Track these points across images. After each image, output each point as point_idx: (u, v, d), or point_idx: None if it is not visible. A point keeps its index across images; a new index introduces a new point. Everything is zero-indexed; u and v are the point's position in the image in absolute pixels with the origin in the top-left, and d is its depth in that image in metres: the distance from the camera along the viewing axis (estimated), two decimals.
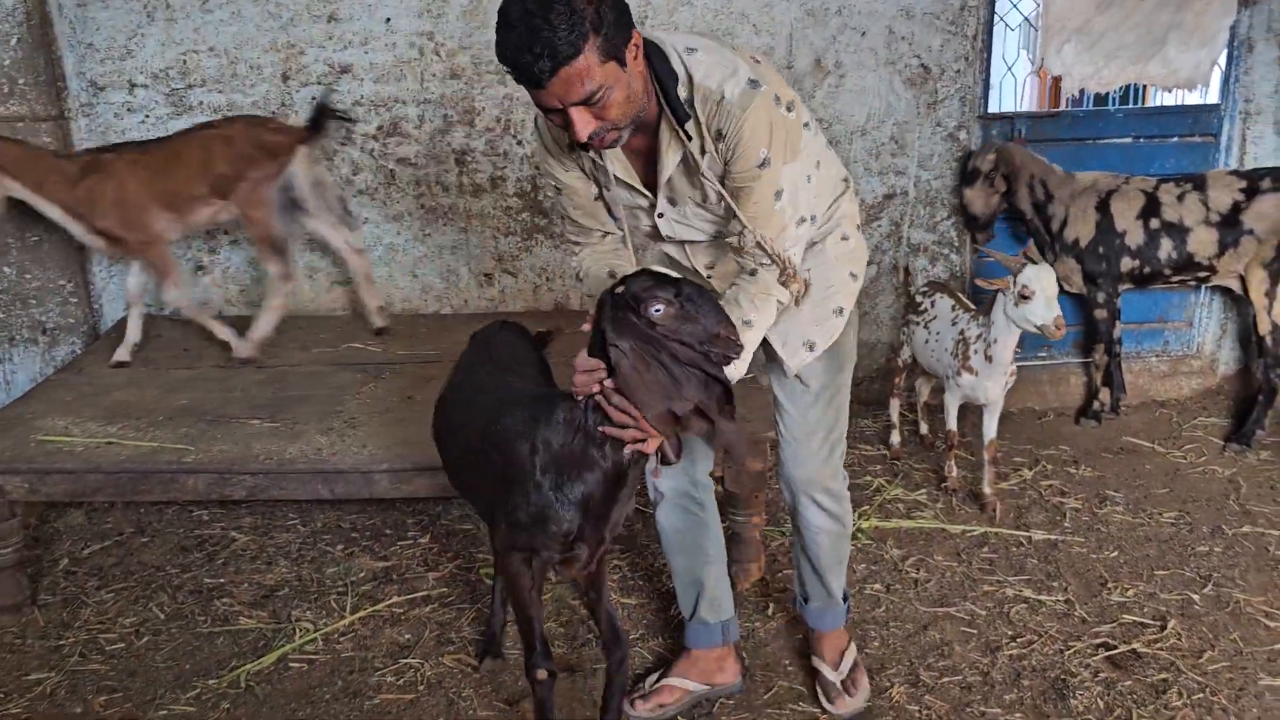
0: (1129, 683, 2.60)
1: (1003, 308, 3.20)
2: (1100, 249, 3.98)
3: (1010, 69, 4.49)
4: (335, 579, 3.20)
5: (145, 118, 4.16)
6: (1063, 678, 2.63)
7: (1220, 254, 3.89)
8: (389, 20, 4.06)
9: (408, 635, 2.90)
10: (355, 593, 3.11)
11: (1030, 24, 4.37)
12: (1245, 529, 3.37)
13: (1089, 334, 4.30)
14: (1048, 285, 3.05)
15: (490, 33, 4.02)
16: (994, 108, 4.43)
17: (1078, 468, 3.86)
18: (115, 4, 4.02)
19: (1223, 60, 4.25)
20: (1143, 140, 4.33)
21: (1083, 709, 2.51)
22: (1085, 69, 4.13)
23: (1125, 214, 3.94)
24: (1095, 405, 4.27)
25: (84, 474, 2.90)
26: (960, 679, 2.65)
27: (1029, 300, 3.06)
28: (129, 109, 4.14)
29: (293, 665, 2.77)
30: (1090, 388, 4.37)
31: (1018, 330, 3.20)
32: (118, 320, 4.24)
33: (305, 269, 4.36)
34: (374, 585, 3.16)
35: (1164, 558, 3.21)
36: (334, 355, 3.79)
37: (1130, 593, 3.02)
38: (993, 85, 4.39)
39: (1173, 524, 3.42)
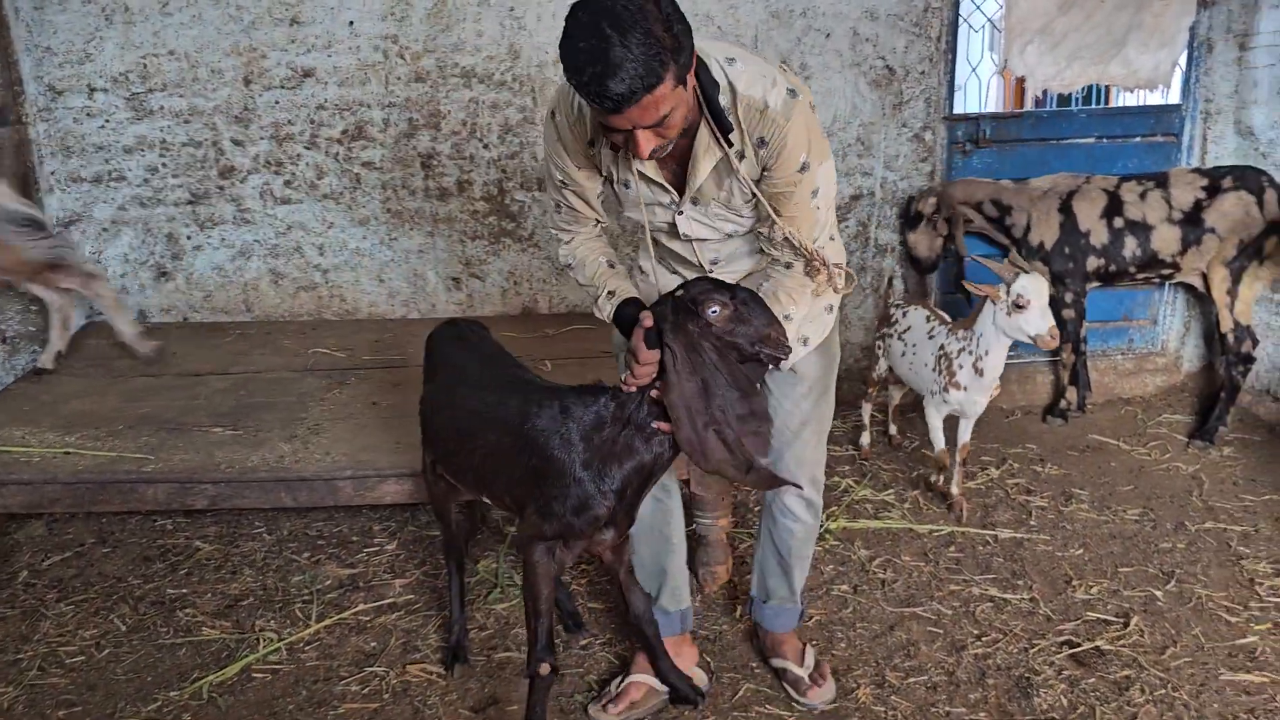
0: (1092, 680, 2.62)
1: (992, 318, 3.14)
2: (1066, 249, 4.01)
3: (975, 70, 4.52)
4: (300, 587, 3.16)
5: (105, 122, 4.11)
6: (1027, 676, 2.64)
7: (1183, 252, 3.93)
8: (352, 23, 4.04)
9: (373, 643, 2.87)
10: (321, 601, 3.08)
11: (993, 25, 4.40)
12: (1208, 525, 3.41)
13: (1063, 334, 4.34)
14: (1042, 294, 3.00)
15: (454, 35, 4.05)
16: (959, 109, 4.46)
17: (1044, 466, 3.89)
18: (73, 7, 3.98)
19: (1183, 61, 4.29)
20: (1106, 140, 4.37)
21: (1047, 707, 2.52)
22: (1048, 70, 4.17)
23: (1088, 214, 3.97)
24: (1062, 404, 4.30)
25: (41, 485, 2.86)
26: (926, 679, 2.66)
27: (1024, 310, 3.00)
28: (88, 113, 4.09)
29: (256, 676, 2.74)
30: (1057, 386, 4.41)
31: (1009, 340, 3.15)
32: (78, 329, 4.19)
33: (270, 273, 4.32)
34: (340, 593, 3.13)
35: (1128, 555, 3.24)
36: (299, 361, 3.76)
37: (1094, 590, 3.04)
38: (957, 86, 4.42)
39: (1137, 521, 3.45)
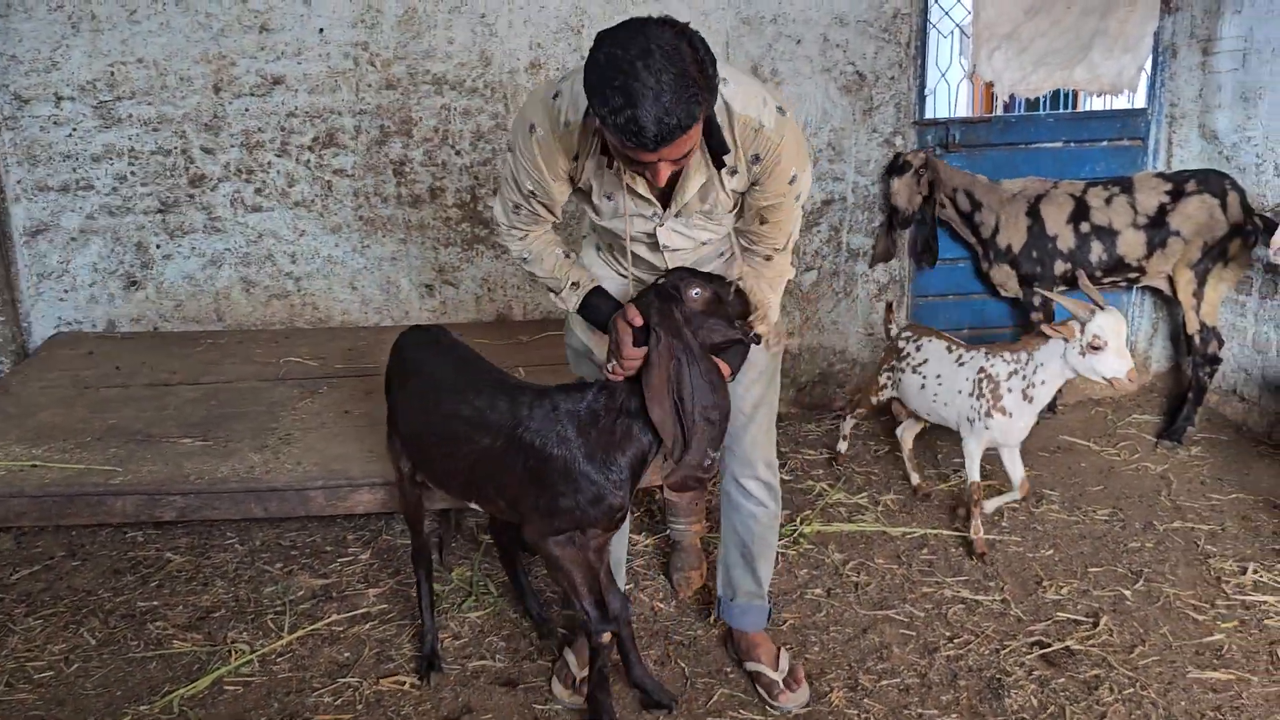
0: (1062, 680, 2.65)
1: (1061, 353, 3.01)
2: (1034, 253, 4.05)
3: (944, 75, 4.56)
4: (273, 598, 3.14)
5: (73, 130, 4.08)
6: (998, 677, 2.67)
7: (1149, 255, 3.98)
8: (322, 30, 4.02)
9: (347, 654, 2.86)
10: (293, 612, 3.06)
11: (962, 31, 4.44)
12: (1176, 524, 3.45)
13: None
14: (1120, 334, 2.86)
15: (424, 42, 4.05)
16: (929, 114, 4.50)
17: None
18: (39, 14, 3.94)
19: (1149, 66, 4.35)
20: (1073, 144, 4.43)
21: (1017, 708, 2.55)
22: (1014, 74, 4.21)
23: (1055, 218, 4.01)
24: None
25: (7, 499, 2.83)
26: (899, 681, 2.68)
27: (1100, 351, 2.85)
28: (55, 122, 4.06)
29: (228, 688, 2.72)
30: None
31: (1070, 375, 3.04)
32: (47, 339, 4.15)
33: (241, 281, 4.30)
34: (313, 604, 3.11)
35: (1097, 555, 3.27)
36: (270, 370, 3.74)
37: (1065, 590, 3.07)
38: (927, 92, 4.46)
39: (1106, 521, 3.49)
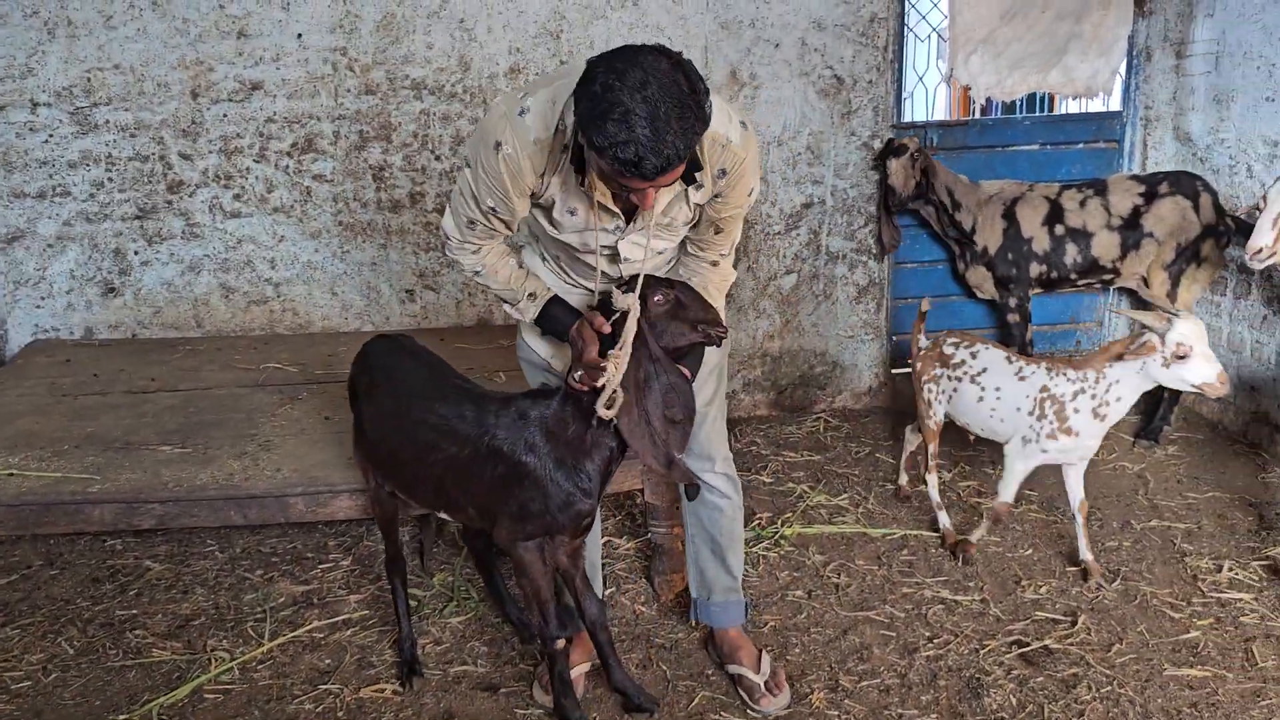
0: (1040, 679, 2.67)
1: (1138, 368, 2.86)
2: (1010, 255, 4.09)
3: (921, 79, 4.59)
4: (253, 605, 3.13)
5: (49, 137, 4.05)
6: (977, 676, 2.68)
7: (1123, 257, 4.02)
8: (300, 36, 4.01)
9: (328, 660, 2.85)
10: (274, 619, 3.05)
11: (939, 35, 4.47)
12: (1153, 523, 3.48)
13: (1003, 338, 4.41)
14: (1203, 337, 2.75)
15: (403, 47, 4.05)
16: (906, 117, 4.53)
17: (995, 469, 3.93)
18: (13, 20, 3.92)
19: (1123, 69, 4.39)
20: (1049, 147, 4.47)
21: (996, 707, 2.57)
22: (991, 78, 4.24)
23: (1031, 221, 4.05)
24: None
25: None
26: (879, 682, 2.69)
27: (1186, 359, 2.73)
28: (31, 129, 4.03)
29: (208, 697, 2.70)
30: None
31: (1149, 387, 2.91)
32: (24, 347, 4.12)
33: (220, 288, 4.28)
34: (294, 610, 3.10)
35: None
36: (250, 376, 3.72)
37: (1043, 590, 3.09)
38: (905, 95, 4.49)
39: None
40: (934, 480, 3.45)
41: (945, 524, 3.40)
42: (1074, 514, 3.18)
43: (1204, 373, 2.73)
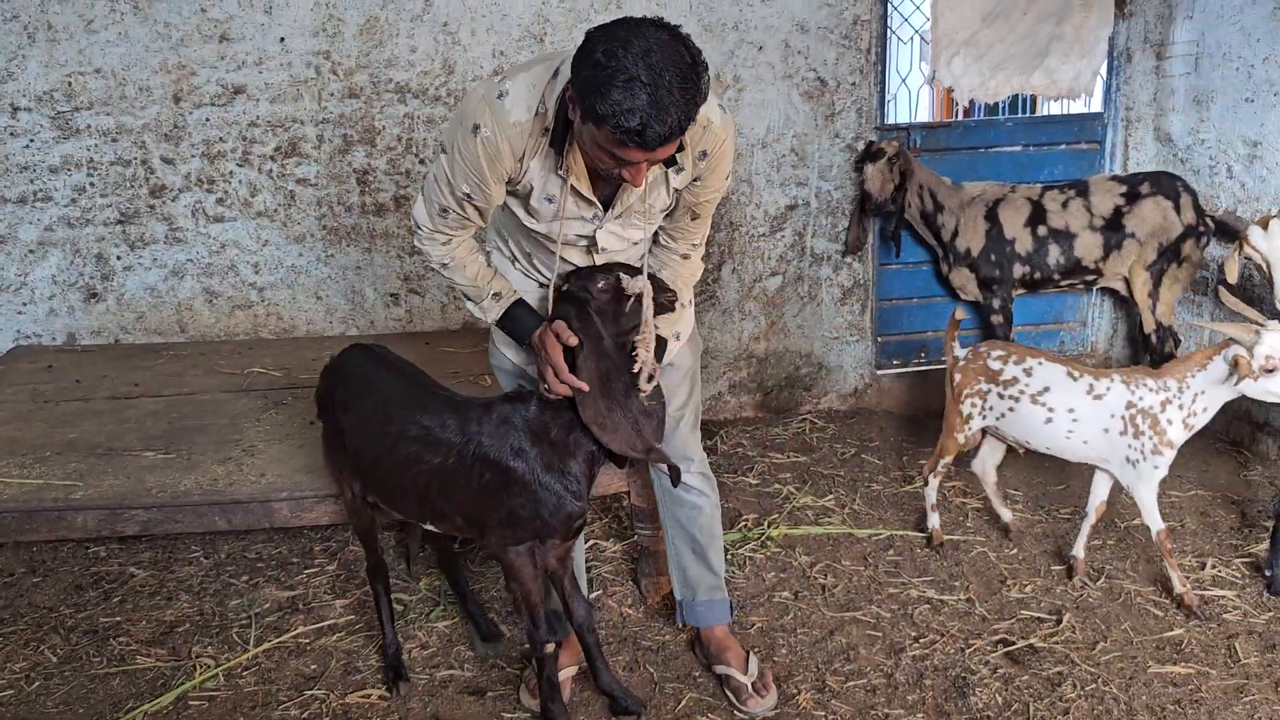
0: (1026, 677, 2.68)
1: (1223, 378, 2.80)
2: (993, 257, 4.10)
3: (904, 81, 4.61)
4: (238, 611, 3.12)
5: (30, 142, 4.02)
6: (963, 676, 2.70)
7: (1105, 257, 4.04)
8: (283, 40, 4.00)
9: (313, 666, 2.84)
10: (259, 624, 3.04)
11: (921, 37, 4.49)
12: (1136, 521, 3.49)
13: (987, 339, 4.43)
14: None
15: (387, 51, 4.04)
16: (890, 119, 4.54)
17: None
18: None
19: (1104, 70, 4.42)
20: (1032, 148, 4.49)
21: (982, 705, 2.58)
22: (973, 80, 4.26)
23: (1013, 222, 4.06)
24: None
25: None
26: (865, 682, 2.70)
27: (1275, 373, 2.67)
28: (12, 133, 4.00)
29: (192, 703, 2.69)
30: None
31: (1232, 397, 2.84)
32: (5, 353, 4.09)
33: (204, 292, 4.26)
34: (279, 616, 3.09)
35: (1060, 553, 3.31)
36: (234, 381, 3.70)
37: (1028, 589, 3.11)
38: (888, 97, 4.50)
39: (1069, 520, 3.54)
40: (935, 484, 3.38)
41: (935, 524, 3.38)
42: (1088, 512, 3.13)
43: None
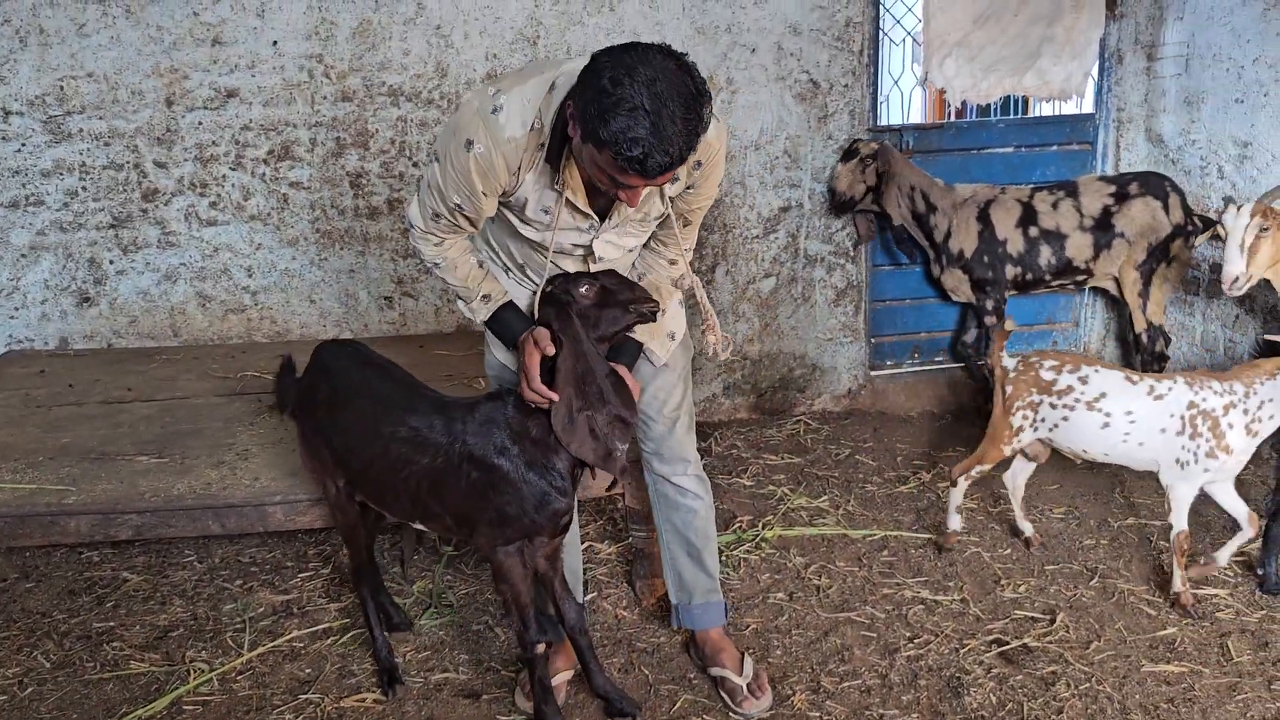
0: (1020, 677, 2.69)
1: None
2: (985, 258, 4.11)
3: (897, 83, 4.62)
4: (233, 615, 3.11)
5: (22, 146, 4.01)
6: (958, 676, 2.70)
7: (1095, 257, 4.06)
8: (276, 43, 4.00)
9: (308, 670, 2.84)
10: (253, 629, 3.03)
11: (913, 39, 4.51)
12: (1129, 521, 3.51)
13: (979, 340, 4.44)
14: None
15: (380, 54, 4.04)
16: (883, 120, 4.56)
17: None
18: None
19: (1096, 71, 4.44)
20: (1024, 149, 4.51)
21: (976, 705, 2.58)
22: (965, 81, 4.28)
23: (1005, 223, 4.08)
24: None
25: None
26: (860, 683, 2.70)
27: None
28: (3, 137, 3.99)
29: (186, 708, 2.68)
30: (987, 392, 4.50)
31: None
32: None
33: (197, 296, 4.25)
34: (273, 620, 3.08)
35: (1054, 553, 3.32)
36: (227, 385, 3.70)
37: (1022, 588, 3.12)
38: (881, 99, 4.51)
39: (1062, 519, 3.55)
40: (963, 486, 3.28)
41: (955, 526, 3.31)
42: (1243, 525, 2.98)
43: None
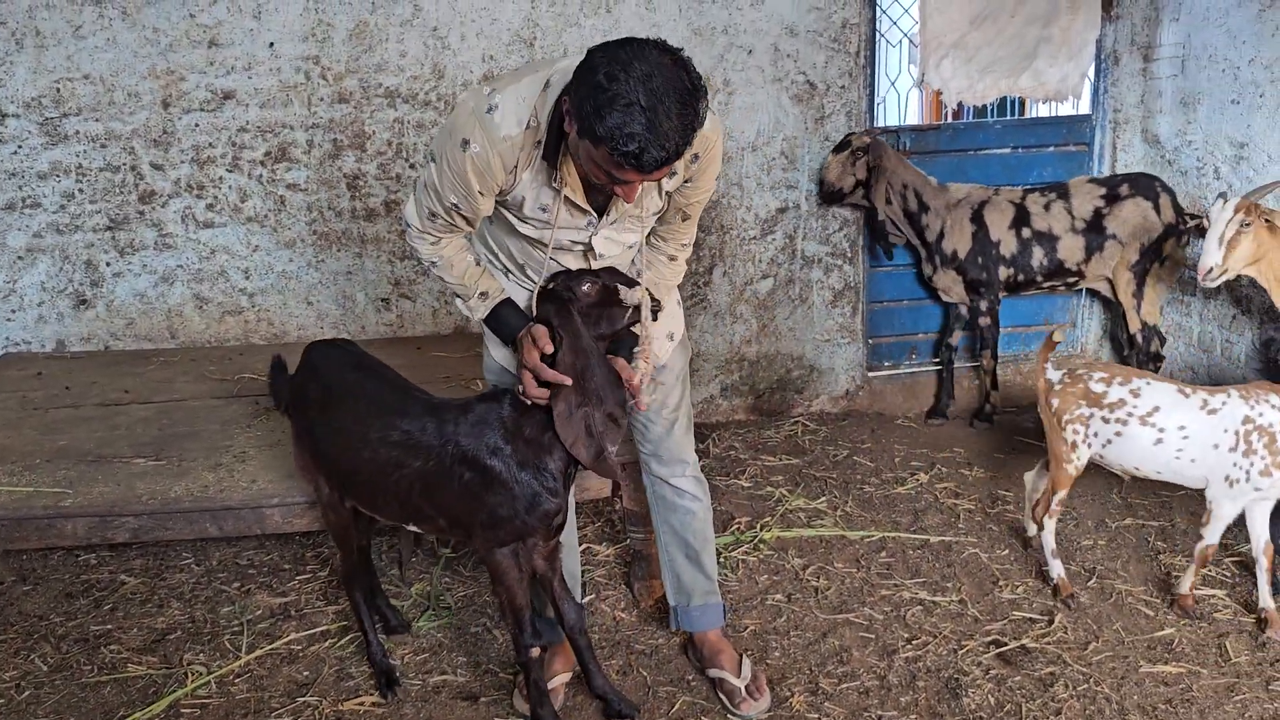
0: (1018, 678, 2.69)
1: None
2: (979, 259, 4.12)
3: (893, 84, 4.63)
4: (230, 618, 3.11)
5: (18, 148, 4.01)
6: (956, 677, 2.70)
7: (1088, 259, 4.07)
8: (272, 45, 4.00)
9: (306, 673, 2.83)
10: (251, 632, 3.03)
11: (910, 41, 4.51)
12: (1127, 521, 3.52)
13: (973, 341, 4.45)
14: None
15: (376, 56, 4.04)
16: (879, 121, 4.56)
17: (971, 469, 3.98)
18: None
19: (1092, 72, 4.45)
20: (1020, 150, 4.51)
21: (975, 706, 2.58)
22: (962, 82, 4.28)
23: (998, 224, 4.09)
24: (986, 407, 4.41)
25: None
26: (858, 684, 2.70)
27: None
28: (0, 140, 3.99)
29: (184, 711, 2.68)
30: (982, 391, 4.51)
31: None
32: None
33: (194, 298, 4.24)
34: (271, 623, 3.08)
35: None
36: (224, 388, 3.69)
37: (1020, 590, 3.12)
38: (878, 100, 4.52)
39: (1060, 520, 3.54)
40: (1052, 526, 3.09)
41: (1059, 573, 3.06)
42: (1257, 557, 2.86)
43: None
